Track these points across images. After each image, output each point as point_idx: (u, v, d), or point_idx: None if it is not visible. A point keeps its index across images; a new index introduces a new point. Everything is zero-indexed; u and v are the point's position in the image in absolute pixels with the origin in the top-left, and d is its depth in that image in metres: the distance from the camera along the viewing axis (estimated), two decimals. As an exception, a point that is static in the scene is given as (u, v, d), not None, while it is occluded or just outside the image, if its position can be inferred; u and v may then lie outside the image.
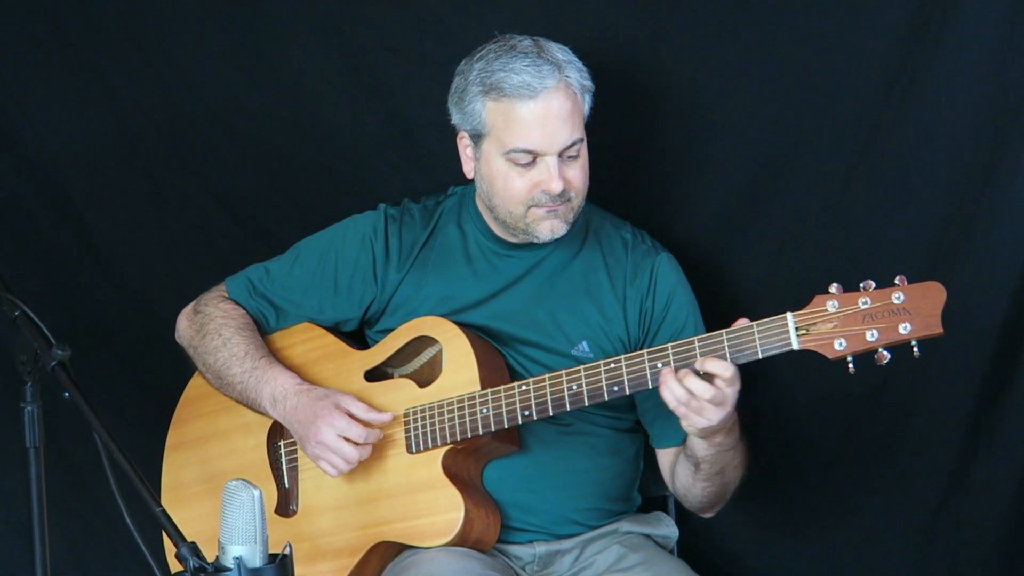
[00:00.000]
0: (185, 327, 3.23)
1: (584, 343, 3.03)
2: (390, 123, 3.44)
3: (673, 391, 2.73)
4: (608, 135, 3.12)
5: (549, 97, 2.87)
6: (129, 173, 3.58)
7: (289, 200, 3.55)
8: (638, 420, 3.10)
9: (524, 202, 2.94)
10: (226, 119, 3.52)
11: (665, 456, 3.07)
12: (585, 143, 2.94)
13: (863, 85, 3.14)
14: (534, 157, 2.90)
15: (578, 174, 2.94)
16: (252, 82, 3.50)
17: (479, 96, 2.91)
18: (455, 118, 3.00)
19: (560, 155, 2.90)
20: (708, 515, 3.07)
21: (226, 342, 3.12)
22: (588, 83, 2.95)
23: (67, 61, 3.56)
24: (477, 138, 2.96)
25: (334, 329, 3.17)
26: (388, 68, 3.42)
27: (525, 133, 2.88)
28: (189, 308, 3.25)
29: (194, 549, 2.33)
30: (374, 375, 3.07)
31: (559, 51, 2.93)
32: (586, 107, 2.95)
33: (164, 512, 2.40)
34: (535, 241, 3.00)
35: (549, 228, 2.96)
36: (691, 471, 2.95)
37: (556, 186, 2.89)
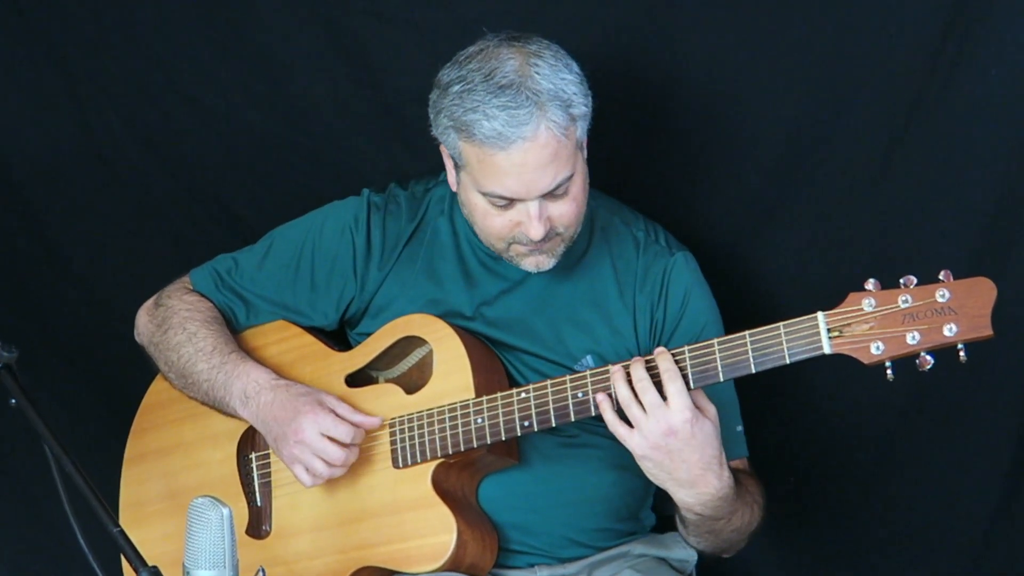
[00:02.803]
0: (145, 323, 3.23)
1: (588, 358, 3.02)
2: (374, 97, 3.44)
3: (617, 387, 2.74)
4: (620, 120, 3.13)
5: (525, 146, 2.80)
6: (84, 155, 3.59)
7: (262, 184, 3.55)
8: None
9: (505, 239, 2.93)
10: (191, 94, 3.52)
11: None
12: (579, 173, 2.89)
13: (902, 57, 3.12)
14: (512, 200, 2.88)
15: (568, 209, 2.90)
16: (220, 52, 3.50)
17: (451, 131, 2.88)
18: (435, 130, 2.95)
19: (543, 196, 2.86)
20: (726, 555, 3.07)
21: (191, 336, 3.12)
22: (580, 110, 2.85)
23: (16, 32, 3.56)
24: (455, 163, 2.94)
25: (312, 328, 3.17)
26: (372, 35, 3.41)
27: (499, 180, 2.85)
28: (150, 302, 3.25)
29: (155, 574, 2.34)
30: (356, 380, 3.07)
31: (547, 75, 2.82)
32: (579, 134, 2.88)
33: (122, 532, 2.41)
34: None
35: (534, 263, 2.95)
36: (679, 522, 2.97)
37: (536, 233, 2.87)
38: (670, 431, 2.72)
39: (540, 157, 2.82)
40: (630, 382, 2.74)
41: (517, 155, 2.81)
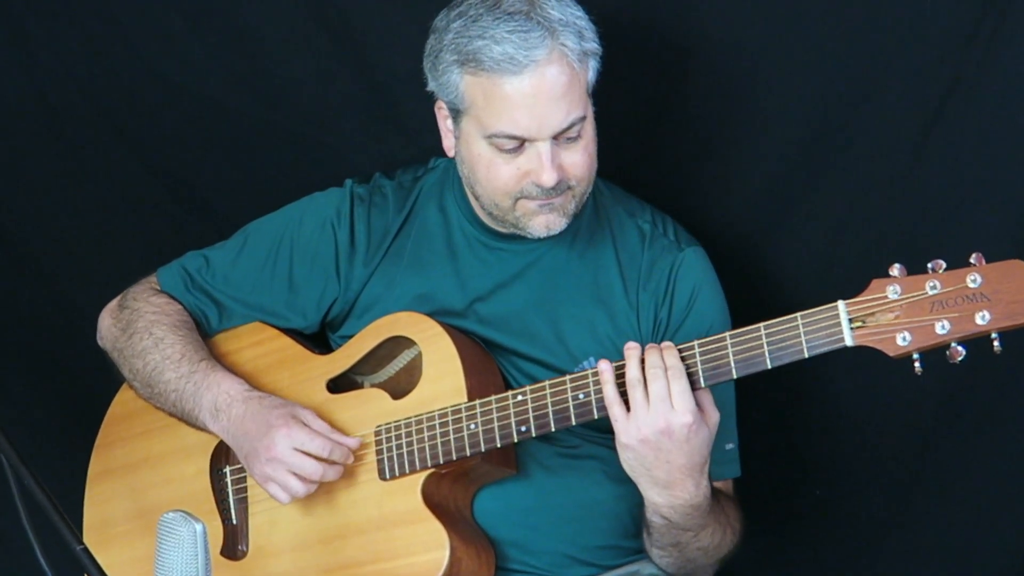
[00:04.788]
0: (108, 326, 3.24)
1: (591, 359, 3.00)
2: (362, 77, 3.45)
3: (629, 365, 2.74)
4: (628, 98, 3.12)
5: (538, 72, 2.82)
6: (43, 138, 3.60)
7: (238, 172, 3.56)
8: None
9: (512, 194, 2.92)
10: (162, 73, 3.53)
11: None
12: (590, 119, 2.91)
13: (937, 33, 3.11)
14: (522, 142, 2.88)
15: (579, 158, 2.91)
16: (194, 28, 3.50)
17: (455, 66, 2.89)
18: (431, 84, 2.97)
19: (556, 138, 2.88)
20: None
21: (158, 342, 3.13)
22: (592, 46, 2.90)
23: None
24: (456, 113, 2.95)
25: (291, 330, 3.18)
26: (359, 10, 3.42)
27: (509, 115, 2.85)
28: (113, 304, 3.26)
29: (123, 597, 2.36)
30: (339, 385, 3.08)
31: (557, 8, 2.87)
32: (590, 75, 2.90)
33: (86, 551, 2.41)
34: (528, 236, 3.00)
35: (544, 224, 2.95)
36: (645, 531, 2.96)
37: (548, 178, 2.87)
38: (667, 430, 2.72)
39: (553, 87, 2.83)
40: (643, 368, 2.75)
41: (529, 83, 2.82)
